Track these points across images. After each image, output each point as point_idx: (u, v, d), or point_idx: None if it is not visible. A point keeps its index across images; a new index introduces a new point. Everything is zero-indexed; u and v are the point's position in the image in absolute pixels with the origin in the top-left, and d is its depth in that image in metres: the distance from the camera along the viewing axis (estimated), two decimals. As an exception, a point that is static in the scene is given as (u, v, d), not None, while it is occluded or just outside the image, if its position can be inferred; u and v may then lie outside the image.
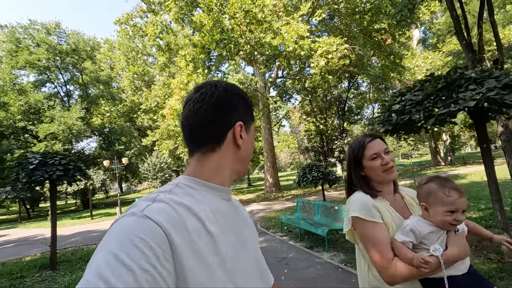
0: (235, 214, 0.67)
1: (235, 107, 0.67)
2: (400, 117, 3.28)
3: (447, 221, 0.98)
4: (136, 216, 0.48)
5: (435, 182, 1.05)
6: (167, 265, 0.45)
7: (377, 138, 1.24)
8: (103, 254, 0.43)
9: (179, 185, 0.61)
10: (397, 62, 13.62)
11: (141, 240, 0.44)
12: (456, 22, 5.53)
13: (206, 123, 0.64)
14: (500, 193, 3.49)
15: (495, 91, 2.64)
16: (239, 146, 0.66)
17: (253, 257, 0.65)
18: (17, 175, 5.57)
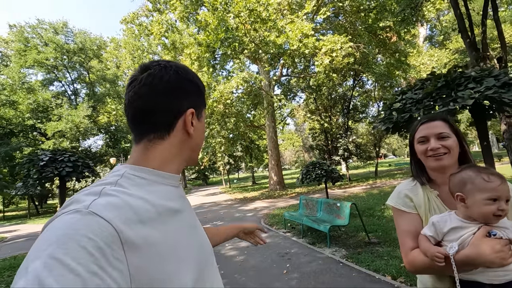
0: (183, 199, 0.65)
1: (186, 92, 0.63)
2: (400, 115, 3.34)
3: (490, 211, 0.84)
4: (81, 213, 0.42)
5: (470, 169, 0.93)
6: (118, 265, 0.41)
7: (435, 120, 1.11)
8: (43, 259, 0.36)
9: (126, 176, 0.55)
10: (402, 60, 13.55)
11: (89, 240, 0.39)
12: (460, 21, 5.55)
13: (154, 109, 0.59)
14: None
15: (493, 89, 2.69)
16: (190, 134, 0.62)
17: (204, 247, 0.64)
18: (28, 171, 5.78)
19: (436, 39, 29.43)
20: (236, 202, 14.21)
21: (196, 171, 44.04)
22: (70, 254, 0.36)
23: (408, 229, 1.04)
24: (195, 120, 0.63)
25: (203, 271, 0.58)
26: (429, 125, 1.09)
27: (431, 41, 30.20)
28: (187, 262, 0.53)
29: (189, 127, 0.62)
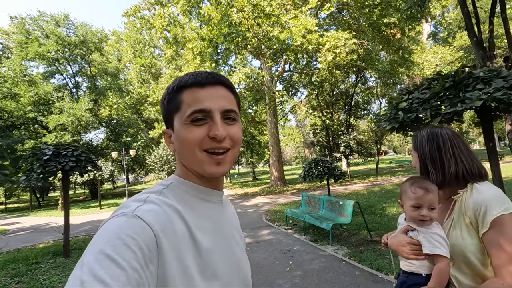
0: (222, 217, 0.65)
1: (162, 110, 0.65)
2: (406, 115, 3.32)
3: (414, 216, 1.06)
4: (127, 216, 0.48)
5: (408, 181, 1.13)
6: (151, 267, 0.45)
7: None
8: (94, 254, 0.42)
9: (170, 187, 0.60)
10: (406, 57, 13.45)
11: (133, 240, 0.44)
12: (467, 19, 5.49)
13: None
14: (505, 191, 3.52)
15: (502, 91, 2.67)
16: (174, 150, 0.63)
17: (237, 263, 0.63)
18: (31, 165, 5.78)
19: (440, 36, 29.17)
20: (237, 198, 14.26)
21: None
22: (117, 251, 0.42)
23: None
24: (172, 135, 0.62)
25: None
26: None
27: (435, 38, 29.95)
28: (212, 281, 0.54)
29: (168, 146, 0.64)
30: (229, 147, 0.59)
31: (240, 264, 0.64)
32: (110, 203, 18.38)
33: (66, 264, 5.28)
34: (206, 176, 0.60)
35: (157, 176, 26.07)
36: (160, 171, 23.95)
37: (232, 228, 0.68)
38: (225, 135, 0.57)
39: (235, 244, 0.65)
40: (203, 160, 0.58)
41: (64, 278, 4.53)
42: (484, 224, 0.96)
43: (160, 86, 21.89)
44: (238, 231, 0.72)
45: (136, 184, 47.08)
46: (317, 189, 14.18)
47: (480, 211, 0.99)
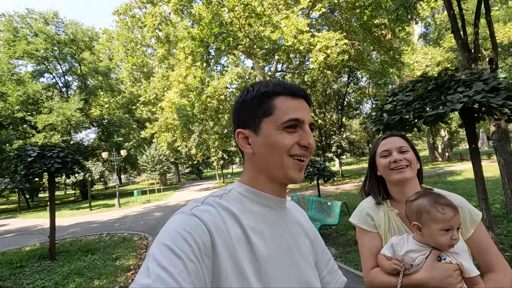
0: (286, 226, 0.65)
1: (235, 114, 0.67)
2: (391, 117, 3.35)
3: (445, 242, 0.89)
4: (185, 214, 0.53)
5: (426, 198, 0.96)
6: (207, 261, 0.49)
7: (394, 136, 1.16)
8: (157, 246, 0.48)
9: (231, 191, 0.63)
10: (397, 58, 13.60)
11: (188, 234, 0.49)
12: (453, 21, 5.55)
13: (233, 130, 0.68)
14: (486, 192, 3.58)
15: (481, 94, 2.71)
16: (250, 153, 0.63)
17: (297, 273, 0.62)
18: (15, 167, 5.66)
19: (430, 37, 29.54)
20: (229, 198, 14.21)
21: (189, 166, 43.90)
22: (175, 243, 0.47)
23: (369, 248, 1.08)
24: (251, 137, 0.63)
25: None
26: (390, 139, 1.14)
27: (426, 39, 30.31)
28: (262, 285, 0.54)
29: (241, 147, 0.64)
30: (308, 156, 0.63)
31: (301, 274, 0.63)
32: (100, 204, 18.14)
33: (51, 268, 5.19)
34: (288, 181, 0.63)
35: (149, 176, 25.85)
36: (152, 171, 23.77)
37: (296, 236, 0.67)
38: (314, 145, 0.62)
39: (298, 253, 0.65)
40: (289, 165, 0.60)
41: (48, 282, 4.45)
42: (473, 225, 1.00)
43: (152, 86, 21.68)
44: (303, 241, 0.69)
45: (129, 184, 46.60)
46: (308, 189, 14.24)
47: (466, 214, 1.03)
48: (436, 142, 28.23)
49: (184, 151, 22.62)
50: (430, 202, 0.93)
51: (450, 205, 0.92)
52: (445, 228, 0.89)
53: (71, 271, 4.82)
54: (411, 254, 0.94)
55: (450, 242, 0.89)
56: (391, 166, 1.09)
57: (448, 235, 0.89)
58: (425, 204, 0.94)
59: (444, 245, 0.90)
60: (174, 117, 13.60)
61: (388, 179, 1.12)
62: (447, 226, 0.89)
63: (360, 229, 1.13)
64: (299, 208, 0.81)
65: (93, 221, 11.22)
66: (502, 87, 2.81)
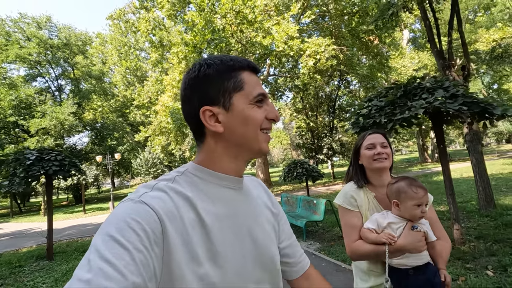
0: (243, 204, 0.64)
1: (199, 87, 0.60)
2: (366, 120, 3.70)
3: (417, 214, 1.15)
4: (133, 201, 0.50)
5: (404, 181, 1.21)
6: (156, 249, 0.47)
7: (378, 133, 1.39)
8: (101, 236, 0.45)
9: (185, 173, 0.61)
10: (384, 63, 14.10)
11: (137, 223, 0.46)
12: (429, 31, 5.98)
13: (184, 111, 0.63)
14: (453, 188, 3.95)
15: (440, 100, 3.07)
16: (217, 132, 0.59)
17: (259, 251, 0.61)
18: (14, 170, 5.85)
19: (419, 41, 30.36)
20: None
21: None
22: (121, 233, 0.44)
23: (353, 224, 1.29)
24: (221, 114, 0.59)
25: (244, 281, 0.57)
26: (375, 135, 1.38)
27: (415, 43, 31.13)
28: (225, 267, 0.54)
29: (209, 126, 0.59)
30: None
31: (263, 251, 0.63)
32: (94, 208, 18.18)
33: (50, 267, 5.38)
34: (261, 154, 0.63)
35: (143, 180, 25.88)
36: (146, 175, 23.84)
37: (256, 212, 0.66)
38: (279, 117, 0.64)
39: (259, 230, 0.64)
40: (262, 139, 0.61)
41: (48, 279, 4.66)
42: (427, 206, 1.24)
43: (146, 89, 21.82)
44: (265, 216, 0.69)
45: (122, 188, 46.32)
46: (300, 190, 14.57)
47: None
48: (426, 143, 28.92)
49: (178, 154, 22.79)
50: (407, 184, 1.19)
51: (421, 186, 1.19)
52: (417, 204, 1.15)
53: (70, 269, 5.03)
54: (392, 225, 1.19)
55: (420, 215, 1.16)
56: (374, 157, 1.32)
57: (419, 209, 1.15)
58: (403, 186, 1.19)
59: (416, 216, 1.16)
60: (168, 120, 13.83)
61: (370, 167, 1.35)
62: (419, 202, 1.15)
63: (344, 209, 1.34)
64: (257, 181, 0.80)
65: (88, 223, 11.36)
66: (460, 94, 3.18)
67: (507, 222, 4.51)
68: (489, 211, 5.36)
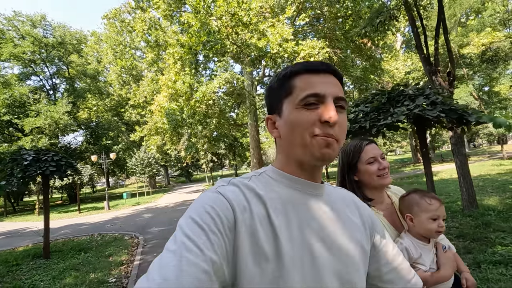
0: (319, 212, 0.61)
1: (266, 99, 0.68)
2: (352, 125, 3.90)
3: (433, 229, 1.04)
4: (211, 192, 0.57)
5: (416, 193, 1.12)
6: (229, 234, 0.51)
7: (373, 143, 1.22)
8: (184, 218, 0.52)
9: (262, 174, 0.64)
10: (376, 65, 14.37)
11: (212, 209, 0.51)
12: (416, 38, 6.21)
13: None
14: (435, 188, 4.17)
15: (419, 108, 3.27)
16: (278, 137, 0.64)
17: (330, 261, 0.57)
18: (11, 170, 5.95)
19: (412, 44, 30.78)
20: (218, 199, 14.58)
21: (179, 168, 43.92)
22: (199, 216, 0.50)
23: None
24: (278, 121, 0.63)
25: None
26: (373, 146, 1.20)
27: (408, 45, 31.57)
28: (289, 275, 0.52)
29: (270, 132, 0.65)
30: (338, 137, 0.57)
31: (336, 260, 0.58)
32: (89, 207, 18.19)
33: (47, 265, 5.50)
34: (313, 161, 0.59)
35: (138, 179, 25.90)
36: (142, 174, 23.87)
37: (334, 223, 0.62)
38: (337, 120, 0.56)
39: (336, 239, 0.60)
40: (313, 143, 0.57)
41: (45, 277, 4.78)
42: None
43: (141, 89, 21.86)
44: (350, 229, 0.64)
45: (117, 187, 46.15)
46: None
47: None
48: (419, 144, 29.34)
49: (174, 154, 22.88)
50: (419, 196, 1.09)
51: (435, 197, 1.08)
52: (433, 217, 1.04)
53: (67, 267, 5.16)
54: (423, 257, 1.05)
55: (437, 229, 1.04)
56: (379, 172, 1.14)
57: (436, 223, 1.04)
58: (416, 197, 1.09)
59: (432, 231, 1.04)
60: (164, 121, 13.93)
61: (373, 184, 1.15)
62: (434, 215, 1.04)
63: None
64: (352, 197, 0.74)
65: (83, 223, 11.42)
66: (439, 102, 3.39)
67: (486, 222, 4.75)
68: (471, 211, 5.60)
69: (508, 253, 3.40)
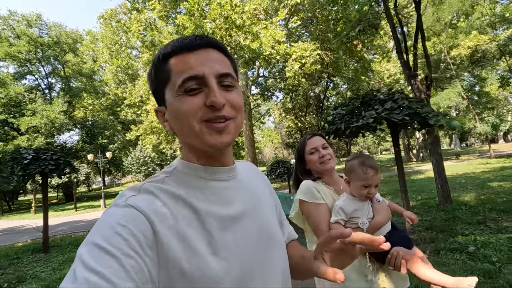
0: (239, 192, 0.61)
1: (153, 88, 0.59)
2: (330, 126, 4.27)
3: (363, 194, 1.17)
4: (119, 206, 0.48)
5: (356, 160, 1.21)
6: (149, 252, 0.44)
7: (316, 136, 1.41)
8: (86, 245, 0.43)
9: (173, 173, 0.58)
10: (367, 67, 14.79)
11: (123, 227, 0.44)
12: (397, 44, 6.59)
13: None
14: (406, 185, 4.54)
15: (385, 112, 3.64)
16: (170, 128, 0.58)
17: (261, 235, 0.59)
18: (12, 169, 6.23)
19: (405, 44, 31.30)
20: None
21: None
22: (107, 240, 0.42)
23: (324, 217, 1.23)
24: (166, 113, 0.57)
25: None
26: (314, 139, 1.40)
27: (401, 46, 32.11)
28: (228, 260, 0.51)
29: (163, 126, 0.59)
30: (231, 116, 0.54)
31: (267, 233, 0.61)
32: (86, 205, 18.41)
33: (46, 259, 5.81)
34: (209, 149, 0.55)
35: (134, 178, 26.13)
36: (137, 173, 24.12)
37: (251, 197, 0.63)
38: (223, 101, 0.52)
39: (256, 215, 0.61)
40: (202, 131, 0.52)
41: (46, 269, 5.09)
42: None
43: (137, 89, 22.04)
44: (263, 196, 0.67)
45: (113, 186, 46.24)
46: (287, 188, 15.16)
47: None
48: (412, 143, 29.94)
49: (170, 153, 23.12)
50: (358, 163, 1.19)
51: (372, 166, 1.17)
52: (365, 185, 1.16)
53: (65, 260, 5.47)
54: (358, 211, 1.18)
55: (366, 195, 1.17)
56: (320, 160, 1.33)
57: (366, 190, 1.16)
58: (354, 164, 1.20)
59: (362, 196, 1.18)
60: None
61: (318, 170, 1.35)
62: (366, 184, 1.16)
63: (310, 204, 1.26)
64: (249, 165, 0.77)
65: (80, 220, 11.71)
66: (405, 106, 3.76)
67: (456, 216, 5.15)
68: (446, 206, 6.01)
69: (465, 241, 3.80)
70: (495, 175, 10.51)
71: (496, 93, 25.39)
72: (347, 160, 1.28)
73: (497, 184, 8.35)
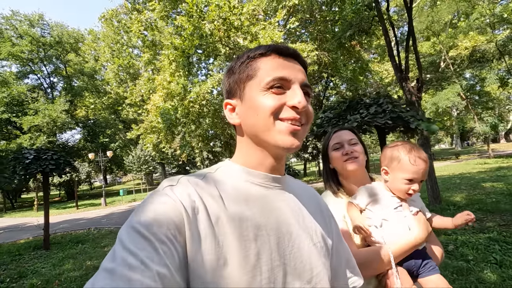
0: (276, 204, 0.58)
1: (225, 82, 0.62)
2: (318, 129, 4.42)
3: (404, 190, 0.96)
4: (157, 194, 0.50)
5: (403, 147, 1.00)
6: (181, 240, 0.46)
7: (344, 129, 1.21)
8: (125, 228, 0.46)
9: (218, 171, 0.59)
10: (364, 67, 14.90)
11: (159, 214, 0.46)
12: (389, 47, 6.74)
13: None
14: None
15: (369, 116, 3.79)
16: (237, 123, 0.60)
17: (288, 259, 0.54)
18: (14, 168, 6.44)
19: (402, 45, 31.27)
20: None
21: (176, 166, 44.39)
22: (144, 224, 0.44)
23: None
24: (238, 106, 0.59)
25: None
26: (341, 133, 1.19)
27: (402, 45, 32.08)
28: (256, 270, 0.49)
29: (229, 119, 0.60)
30: (305, 122, 0.56)
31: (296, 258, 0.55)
32: (87, 203, 18.68)
33: (47, 255, 6.02)
34: (280, 148, 0.55)
35: (135, 177, 26.39)
36: (138, 171, 24.37)
37: (295, 218, 0.59)
38: (305, 105, 0.54)
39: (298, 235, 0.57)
40: (277, 129, 0.54)
41: (46, 265, 5.30)
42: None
43: (138, 88, 22.26)
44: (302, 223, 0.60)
45: (114, 184, 46.60)
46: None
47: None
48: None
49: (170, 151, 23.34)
50: (406, 151, 0.98)
51: (422, 158, 0.97)
52: (409, 178, 0.95)
53: (65, 256, 5.68)
54: (379, 204, 0.98)
55: (410, 192, 0.96)
56: (344, 158, 1.10)
57: (409, 186, 0.95)
58: (400, 152, 0.99)
59: (402, 192, 0.97)
60: (159, 120, 14.42)
61: (341, 170, 1.13)
62: (411, 177, 0.94)
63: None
64: (313, 192, 0.73)
65: (81, 218, 11.94)
66: (388, 110, 3.91)
67: (443, 215, 5.29)
68: (435, 206, 6.15)
69: (446, 240, 3.95)
70: (490, 176, 10.62)
71: (497, 92, 25.39)
72: (388, 146, 1.07)
73: (490, 185, 8.47)
